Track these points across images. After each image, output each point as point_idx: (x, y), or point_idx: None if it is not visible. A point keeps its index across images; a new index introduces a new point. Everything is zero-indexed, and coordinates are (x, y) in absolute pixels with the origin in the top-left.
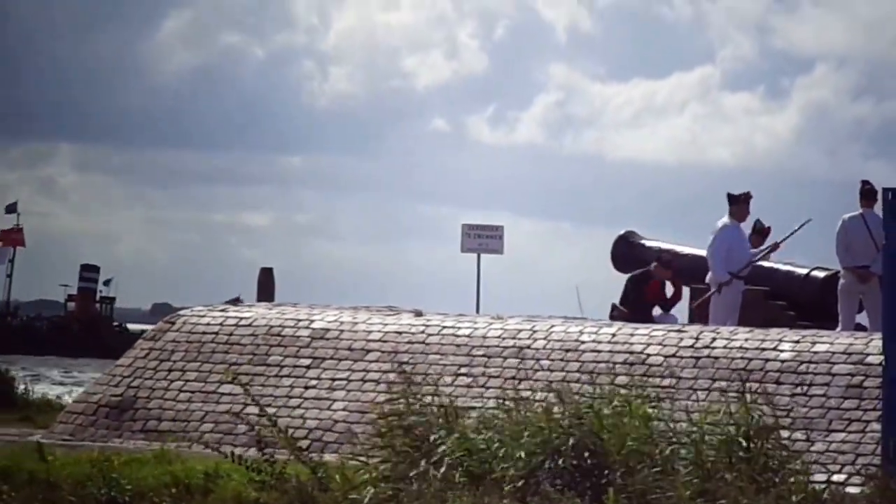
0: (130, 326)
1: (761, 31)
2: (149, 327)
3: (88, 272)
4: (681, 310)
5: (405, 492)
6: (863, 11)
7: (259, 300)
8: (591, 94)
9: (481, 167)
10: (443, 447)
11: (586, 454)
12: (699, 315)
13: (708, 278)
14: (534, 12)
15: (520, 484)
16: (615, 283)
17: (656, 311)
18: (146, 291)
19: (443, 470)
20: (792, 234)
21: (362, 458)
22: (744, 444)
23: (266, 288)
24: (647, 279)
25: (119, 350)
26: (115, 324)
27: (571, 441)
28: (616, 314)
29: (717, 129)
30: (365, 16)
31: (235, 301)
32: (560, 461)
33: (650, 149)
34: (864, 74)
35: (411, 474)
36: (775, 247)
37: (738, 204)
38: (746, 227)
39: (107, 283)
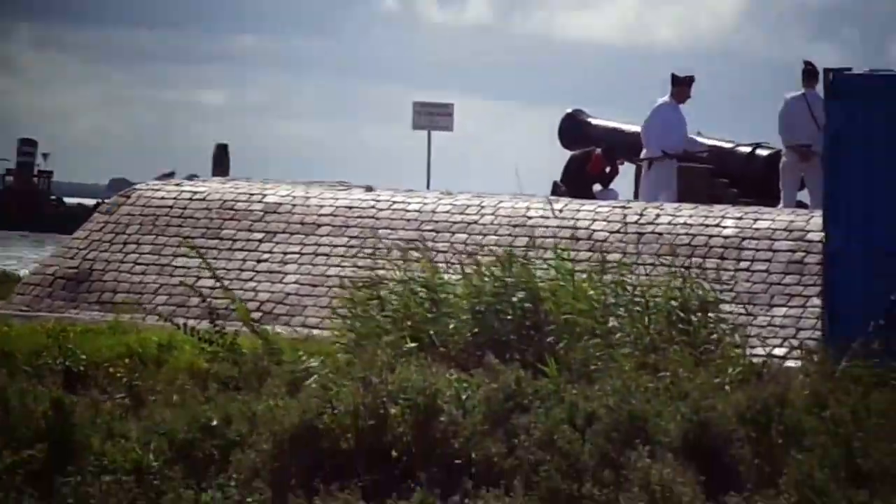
0: (76, 200)
1: None
2: (92, 202)
3: (27, 146)
4: (623, 186)
5: (358, 360)
6: None
7: (214, 175)
8: None
9: (432, 47)
10: (396, 312)
11: (527, 322)
12: None
13: (642, 154)
14: None
15: (461, 347)
16: (561, 161)
17: (597, 187)
18: (104, 167)
19: (390, 338)
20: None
21: (317, 329)
22: (684, 317)
23: (221, 164)
24: (589, 157)
25: (56, 224)
26: (52, 197)
27: (513, 307)
28: (558, 192)
29: (663, 10)
30: None
31: (170, 175)
32: (498, 325)
33: (598, 29)
34: None
35: (364, 338)
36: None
37: (681, 86)
38: (687, 108)
39: (45, 156)
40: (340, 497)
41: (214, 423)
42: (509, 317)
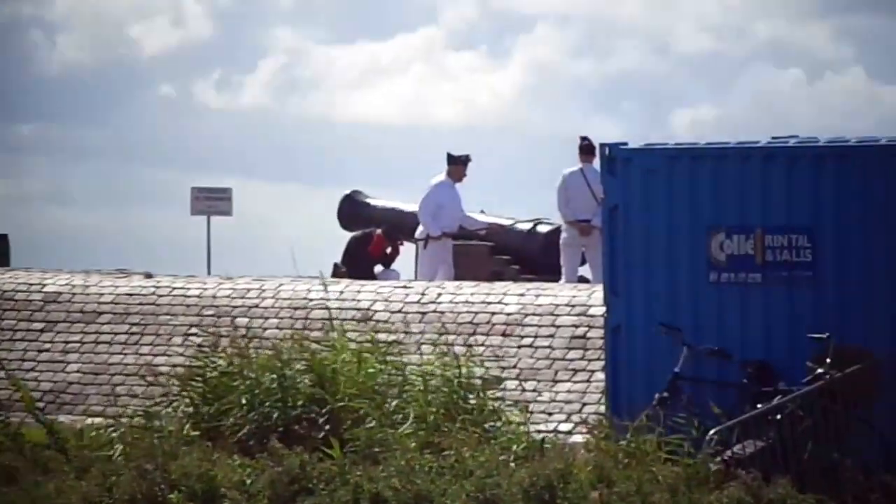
0: None
1: None
2: None
3: None
4: (404, 266)
5: (140, 447)
6: None
7: None
8: (316, 57)
9: (209, 132)
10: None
11: (309, 405)
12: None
13: (418, 232)
14: None
15: (242, 435)
16: (342, 242)
17: (378, 268)
18: None
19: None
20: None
21: (108, 417)
22: (466, 396)
23: (1, 254)
24: (369, 238)
25: None
26: None
27: (299, 392)
28: (339, 272)
29: (441, 88)
30: None
31: None
32: (281, 413)
33: (376, 109)
34: (583, 34)
35: (153, 426)
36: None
37: (456, 164)
38: (463, 187)
39: None
40: None
41: None
42: (294, 402)
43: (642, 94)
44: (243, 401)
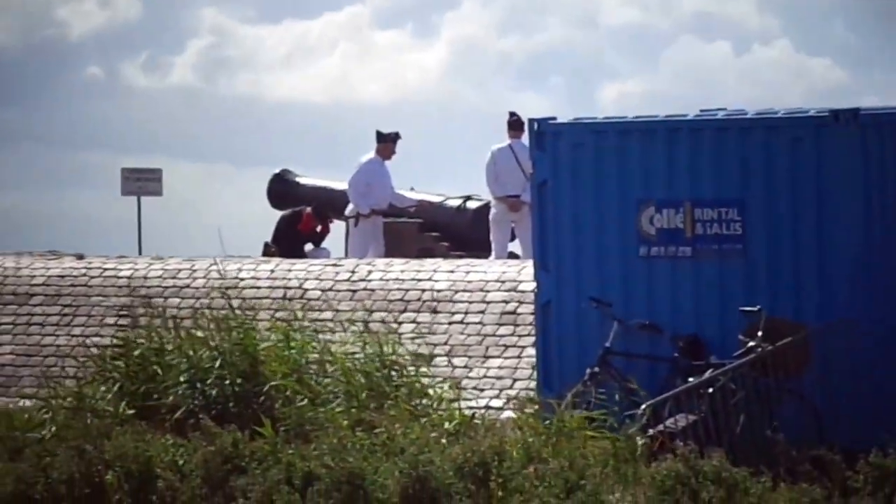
0: None
1: None
2: None
3: None
4: (334, 244)
5: (73, 428)
6: None
7: None
8: (243, 37)
9: (137, 112)
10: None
11: (242, 383)
12: None
13: (347, 210)
14: None
15: (179, 415)
16: (272, 222)
17: (308, 246)
18: None
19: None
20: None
21: (39, 399)
22: (398, 373)
23: None
24: (299, 217)
25: None
26: None
27: (226, 370)
28: (270, 252)
29: (368, 67)
30: None
31: None
32: (215, 391)
33: (303, 89)
34: (509, 10)
35: (82, 407)
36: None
37: (385, 142)
38: (392, 165)
39: None
40: None
41: None
42: (227, 381)
43: (569, 69)
44: (182, 378)
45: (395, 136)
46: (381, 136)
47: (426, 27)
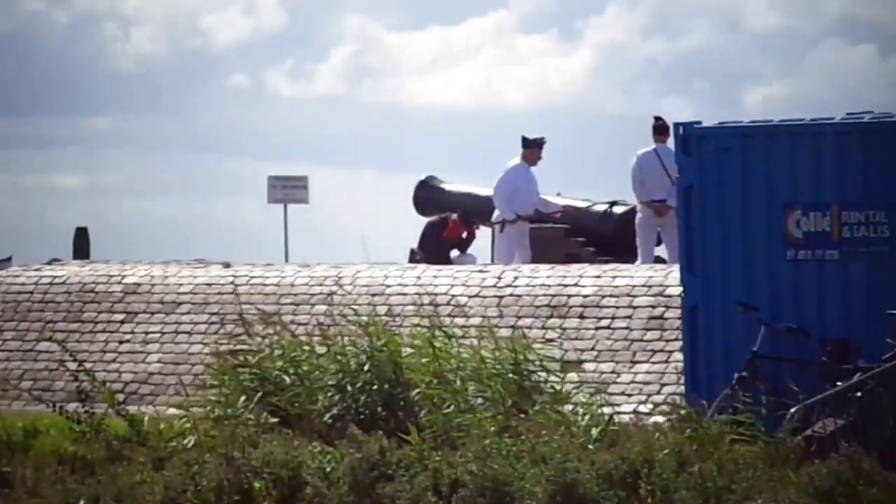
0: None
1: None
2: None
3: None
4: (480, 250)
5: (219, 436)
6: None
7: (75, 259)
8: (387, 44)
9: (283, 120)
10: (258, 387)
11: (388, 389)
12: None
13: (493, 216)
14: None
15: (326, 420)
16: (418, 228)
17: (454, 252)
18: None
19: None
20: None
21: (183, 407)
22: (545, 379)
23: (81, 247)
24: (445, 224)
25: None
26: None
27: (372, 377)
28: (415, 258)
29: (512, 72)
30: None
31: (6, 261)
32: (363, 398)
33: (448, 94)
34: (654, 14)
35: (229, 413)
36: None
37: (531, 148)
38: (538, 171)
39: None
40: None
41: (82, 503)
42: (373, 387)
43: (714, 73)
44: (330, 382)
45: (540, 142)
46: (526, 142)
47: (571, 32)
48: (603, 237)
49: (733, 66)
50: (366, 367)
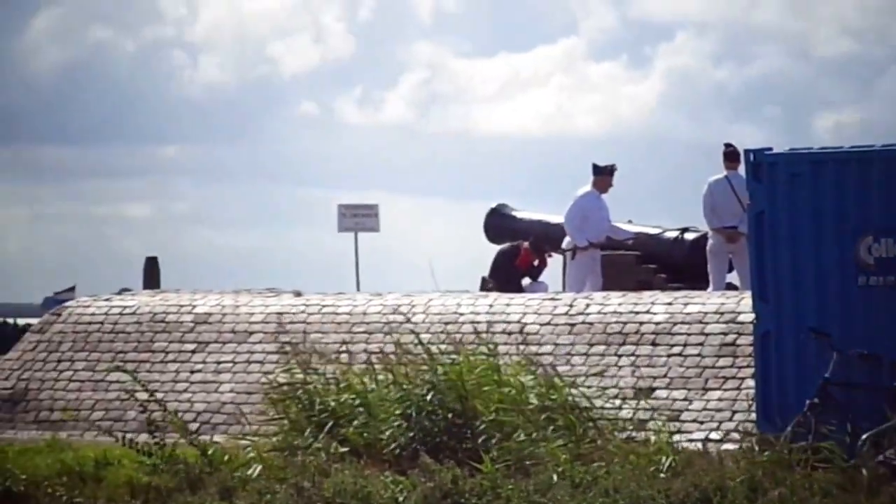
0: (20, 321)
1: (619, 1)
2: (28, 321)
3: None
4: (551, 277)
5: (290, 466)
6: None
7: (145, 288)
8: (456, 71)
9: (352, 148)
10: (326, 417)
11: (452, 417)
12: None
13: (564, 243)
14: None
15: (394, 449)
16: (489, 256)
17: (526, 280)
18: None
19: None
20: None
21: (250, 437)
22: (617, 406)
23: (151, 276)
24: (517, 252)
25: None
26: None
27: (436, 405)
28: (487, 286)
29: (582, 99)
30: (232, 4)
31: (70, 290)
32: (429, 426)
33: (517, 122)
34: (723, 40)
35: (296, 444)
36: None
37: (602, 175)
38: (609, 198)
39: None
40: None
41: None
42: (440, 417)
43: (784, 99)
44: (398, 411)
45: (611, 169)
46: (597, 169)
47: (640, 59)
48: (674, 264)
49: (804, 92)
50: (428, 397)
